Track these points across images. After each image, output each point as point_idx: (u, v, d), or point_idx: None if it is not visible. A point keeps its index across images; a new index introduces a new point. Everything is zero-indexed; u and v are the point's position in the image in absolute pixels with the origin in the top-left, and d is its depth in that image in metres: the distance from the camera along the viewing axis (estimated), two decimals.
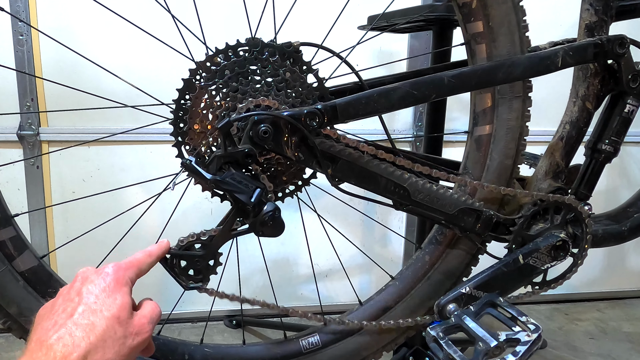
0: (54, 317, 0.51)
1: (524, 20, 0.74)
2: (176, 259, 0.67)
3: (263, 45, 0.69)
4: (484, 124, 0.79)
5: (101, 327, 0.50)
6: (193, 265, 0.68)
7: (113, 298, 0.53)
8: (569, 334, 1.59)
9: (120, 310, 0.53)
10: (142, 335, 0.54)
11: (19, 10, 1.29)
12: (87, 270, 0.57)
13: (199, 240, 0.67)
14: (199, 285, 0.69)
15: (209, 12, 1.38)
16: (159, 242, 0.65)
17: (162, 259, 0.66)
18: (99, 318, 0.51)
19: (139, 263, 0.60)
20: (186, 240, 0.67)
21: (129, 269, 0.58)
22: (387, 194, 0.73)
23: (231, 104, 0.69)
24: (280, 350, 0.82)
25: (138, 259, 0.61)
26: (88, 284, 0.54)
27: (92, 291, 0.53)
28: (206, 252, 0.68)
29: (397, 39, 1.54)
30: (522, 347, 0.62)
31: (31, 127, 1.37)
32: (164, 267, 0.67)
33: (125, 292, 0.55)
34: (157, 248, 0.64)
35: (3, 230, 0.72)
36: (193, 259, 0.67)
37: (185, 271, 0.68)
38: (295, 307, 0.76)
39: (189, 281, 0.68)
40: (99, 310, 0.52)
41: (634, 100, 0.80)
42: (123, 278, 0.56)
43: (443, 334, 0.66)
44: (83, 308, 0.51)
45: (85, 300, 0.52)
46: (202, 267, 0.68)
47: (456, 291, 0.73)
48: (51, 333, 0.49)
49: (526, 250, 0.76)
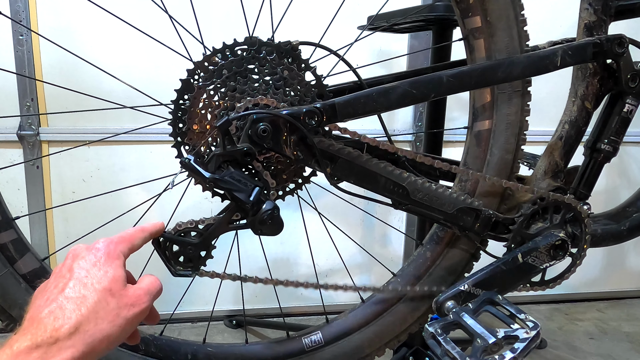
0: (46, 294, 0.51)
1: (522, 14, 0.74)
2: (169, 243, 0.67)
3: (260, 44, 0.69)
4: (483, 119, 0.79)
5: (92, 299, 0.50)
6: (185, 252, 0.67)
7: (104, 271, 0.53)
8: (569, 334, 1.58)
9: (112, 283, 0.52)
10: (139, 306, 0.54)
11: (18, 10, 1.29)
12: (78, 247, 0.57)
13: (196, 228, 0.67)
14: (189, 272, 0.68)
15: (207, 12, 1.38)
16: (153, 222, 0.65)
17: (155, 241, 0.65)
18: (90, 291, 0.51)
19: (131, 237, 0.60)
20: (184, 226, 0.67)
21: (121, 242, 0.58)
22: (386, 193, 0.73)
23: (229, 103, 0.69)
24: (282, 348, 0.82)
25: (130, 233, 0.60)
26: (79, 259, 0.54)
27: (83, 266, 0.53)
28: (201, 241, 0.67)
29: (397, 39, 1.54)
30: (521, 344, 0.62)
31: (31, 127, 1.37)
32: (156, 249, 0.66)
33: (117, 265, 0.55)
34: (151, 225, 0.63)
35: (4, 233, 0.72)
36: (186, 245, 0.67)
37: (176, 257, 0.67)
38: (295, 307, 0.76)
39: (178, 267, 0.68)
40: (89, 283, 0.51)
41: (633, 100, 0.80)
42: (114, 251, 0.56)
43: (441, 331, 0.66)
44: (74, 282, 0.51)
45: (76, 275, 0.52)
46: (193, 256, 0.67)
47: (455, 288, 0.73)
48: (42, 308, 0.49)
49: (525, 249, 0.76)
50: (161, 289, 0.59)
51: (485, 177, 0.75)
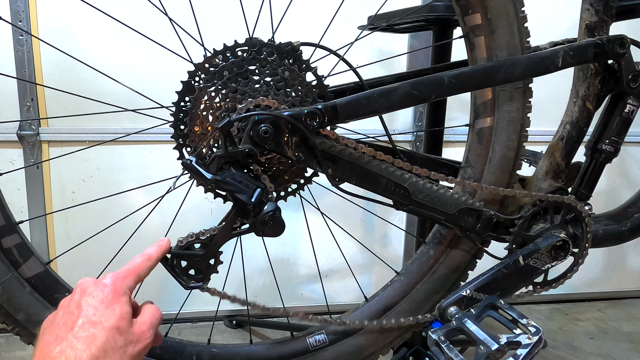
0: (55, 331, 0.52)
1: (523, 11, 0.74)
2: (176, 259, 0.67)
3: (261, 45, 0.69)
4: (485, 117, 0.78)
5: (101, 338, 0.51)
6: (193, 265, 0.68)
7: (112, 309, 0.54)
8: (569, 334, 1.59)
9: (119, 321, 0.53)
10: (143, 342, 0.55)
11: (18, 11, 1.29)
12: (86, 281, 0.57)
13: (199, 240, 0.67)
14: (200, 284, 0.69)
15: (207, 14, 1.38)
16: (159, 243, 0.65)
17: (163, 259, 0.66)
18: (99, 330, 0.52)
19: (138, 269, 0.60)
20: (185, 241, 0.67)
21: (127, 277, 0.58)
22: (387, 194, 0.73)
23: (231, 104, 0.69)
24: (287, 348, 0.82)
25: (137, 264, 0.61)
26: (87, 296, 0.55)
27: (91, 303, 0.54)
28: (206, 251, 0.68)
29: (397, 39, 1.54)
30: (523, 350, 0.62)
31: (31, 127, 1.37)
32: (165, 267, 0.67)
33: (124, 302, 0.55)
34: (156, 250, 0.64)
35: (8, 238, 0.72)
36: (193, 258, 0.67)
37: (186, 271, 0.68)
38: (296, 307, 0.76)
39: (189, 281, 0.68)
40: (98, 322, 0.52)
41: (634, 100, 0.80)
42: (121, 288, 0.56)
43: (444, 338, 0.66)
44: (83, 320, 0.52)
45: (84, 312, 0.53)
46: (202, 267, 0.68)
47: (457, 294, 0.73)
48: (53, 346, 0.50)
49: (526, 251, 0.76)
50: (162, 318, 0.60)
51: (482, 186, 0.76)
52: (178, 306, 1.30)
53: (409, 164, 0.72)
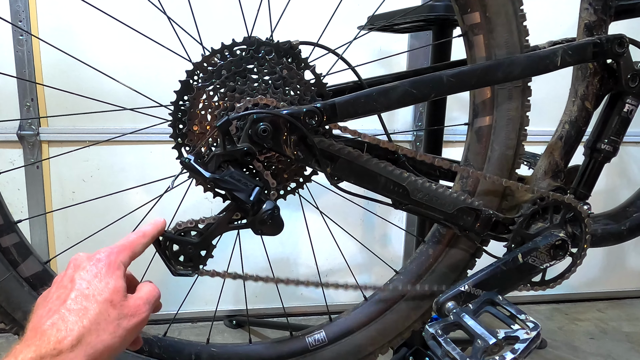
0: (48, 305, 0.52)
1: (521, 9, 0.74)
2: (169, 242, 0.66)
3: (259, 44, 0.69)
4: (484, 115, 0.78)
5: (94, 311, 0.51)
6: (185, 252, 0.67)
7: (105, 282, 0.53)
8: (569, 334, 1.58)
9: (112, 294, 0.53)
10: (139, 316, 0.55)
11: (18, 11, 1.29)
12: (80, 256, 0.57)
13: (196, 228, 0.67)
14: (189, 272, 0.68)
15: (205, 13, 1.38)
16: (154, 221, 0.64)
17: (155, 241, 0.65)
18: (92, 302, 0.51)
19: (132, 245, 0.60)
20: (184, 225, 0.67)
21: (122, 252, 0.58)
22: (386, 193, 0.73)
23: (229, 103, 0.69)
24: (286, 347, 0.82)
25: (131, 240, 0.60)
26: (80, 270, 0.54)
27: (84, 277, 0.54)
28: (201, 240, 0.67)
29: (396, 39, 1.54)
30: (521, 345, 0.62)
31: (31, 127, 1.37)
32: (156, 249, 0.66)
33: (118, 276, 0.55)
34: (151, 228, 0.63)
35: (7, 237, 0.73)
36: (186, 245, 0.67)
37: (176, 256, 0.67)
38: (296, 307, 0.76)
39: (178, 267, 0.68)
40: (91, 295, 0.52)
41: (633, 100, 0.80)
42: (115, 262, 0.56)
43: (442, 332, 0.66)
44: (75, 294, 0.52)
45: (77, 286, 0.53)
46: (193, 255, 0.67)
47: (455, 289, 0.73)
48: (45, 319, 0.50)
49: (525, 249, 0.76)
50: (159, 296, 0.59)
51: (485, 175, 0.75)
52: (177, 306, 1.30)
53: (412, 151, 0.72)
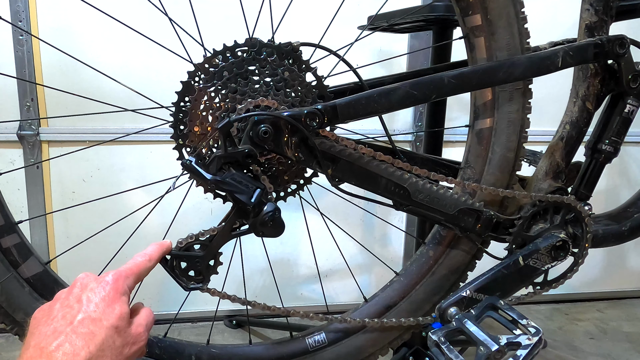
0: (53, 323, 0.51)
1: (523, 12, 0.74)
2: (176, 260, 0.67)
3: (261, 45, 0.69)
4: (485, 118, 0.78)
5: (100, 336, 0.51)
6: (193, 266, 0.68)
7: (112, 307, 0.54)
8: (569, 334, 1.58)
9: (118, 320, 0.53)
10: (139, 343, 0.56)
11: (18, 11, 1.29)
12: (87, 276, 0.57)
13: (198, 241, 0.67)
14: (200, 286, 0.69)
15: (206, 14, 1.37)
16: (160, 243, 0.65)
17: (162, 260, 0.66)
18: (99, 327, 0.51)
19: (139, 269, 0.60)
20: (185, 242, 0.67)
21: (129, 277, 0.58)
22: (387, 194, 0.73)
23: (230, 105, 0.69)
24: (286, 349, 0.82)
25: (138, 264, 0.61)
26: (88, 291, 0.54)
27: (92, 299, 0.54)
28: (206, 252, 0.68)
29: (397, 40, 1.54)
30: (523, 351, 0.62)
31: (31, 127, 1.37)
32: (164, 268, 0.67)
33: (123, 302, 0.55)
34: (157, 251, 0.64)
35: (8, 238, 0.72)
36: (193, 259, 0.67)
37: (186, 272, 0.68)
38: (296, 307, 0.76)
39: (189, 282, 0.68)
40: (98, 319, 0.52)
41: (634, 101, 0.80)
42: (122, 287, 0.56)
43: (444, 339, 0.66)
44: (82, 316, 0.52)
45: (84, 308, 0.53)
46: (202, 268, 0.68)
47: (457, 294, 0.73)
48: (51, 339, 0.49)
49: (526, 251, 0.76)
50: (154, 321, 0.61)
51: (481, 187, 0.75)
52: (178, 306, 1.30)
53: (409, 164, 0.72)
